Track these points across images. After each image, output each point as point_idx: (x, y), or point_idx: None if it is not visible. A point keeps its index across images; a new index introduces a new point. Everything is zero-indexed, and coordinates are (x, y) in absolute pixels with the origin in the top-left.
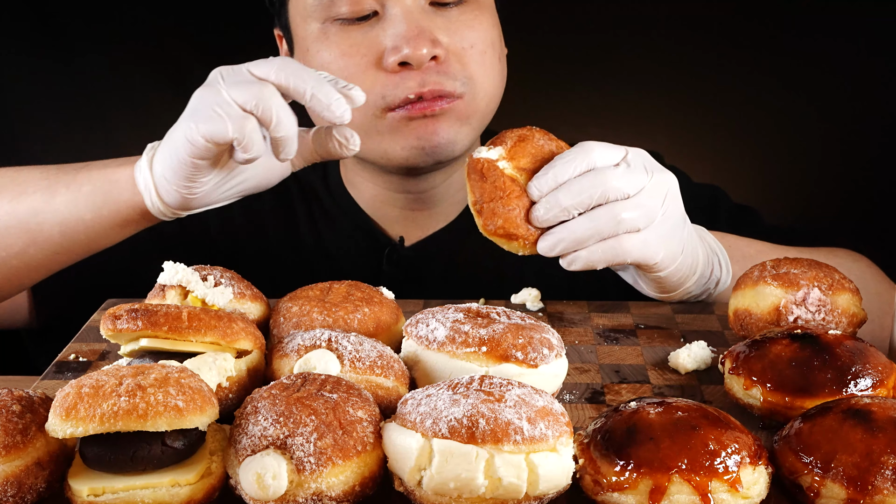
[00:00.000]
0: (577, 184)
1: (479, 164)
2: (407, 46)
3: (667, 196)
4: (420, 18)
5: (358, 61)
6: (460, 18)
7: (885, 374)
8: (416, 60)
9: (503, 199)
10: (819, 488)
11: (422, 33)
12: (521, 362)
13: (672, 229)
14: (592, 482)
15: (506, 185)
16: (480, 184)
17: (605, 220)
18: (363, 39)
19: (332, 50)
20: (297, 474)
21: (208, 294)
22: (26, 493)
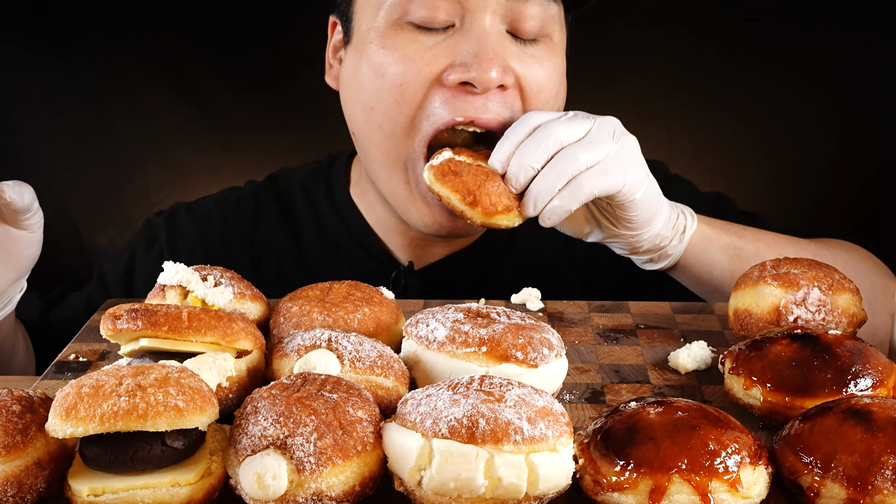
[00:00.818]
0: (530, 141)
1: (445, 167)
2: (476, 67)
3: (615, 132)
4: (496, 41)
5: (420, 69)
6: (535, 54)
7: (885, 374)
8: (482, 83)
9: (487, 181)
10: (819, 488)
11: (496, 56)
12: (521, 362)
13: (630, 159)
14: (592, 482)
15: (480, 170)
16: (458, 180)
17: (565, 162)
18: (431, 48)
19: (395, 52)
20: (297, 474)
21: (208, 294)
22: (26, 493)
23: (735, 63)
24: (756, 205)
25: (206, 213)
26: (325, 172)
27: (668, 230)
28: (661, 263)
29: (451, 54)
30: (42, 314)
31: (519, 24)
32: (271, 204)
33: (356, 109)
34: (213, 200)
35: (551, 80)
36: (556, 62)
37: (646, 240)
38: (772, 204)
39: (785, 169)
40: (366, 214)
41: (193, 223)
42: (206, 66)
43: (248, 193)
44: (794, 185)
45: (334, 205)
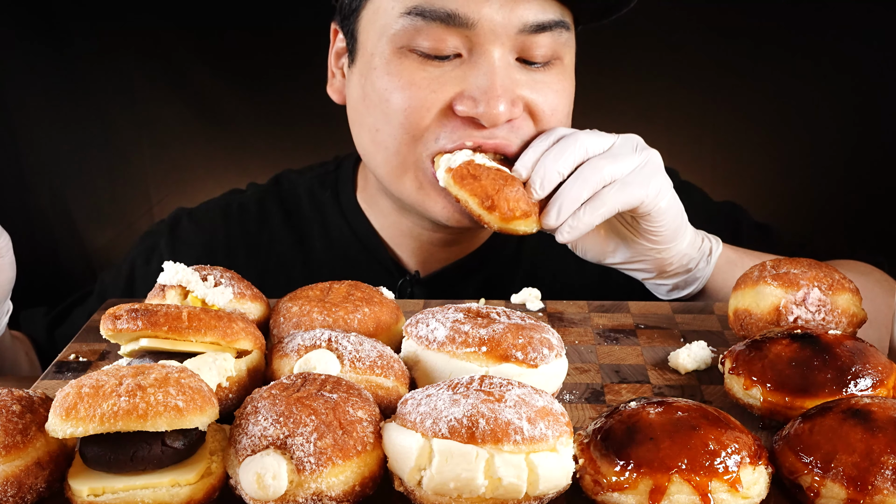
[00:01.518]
0: (556, 148)
1: (464, 171)
2: (485, 103)
3: (637, 146)
4: (505, 74)
5: (427, 95)
6: (545, 80)
7: (885, 374)
8: (489, 120)
9: (506, 185)
10: (819, 488)
11: (506, 91)
12: (521, 362)
13: (652, 171)
14: (592, 482)
15: (499, 174)
16: (477, 184)
17: (589, 171)
18: (438, 77)
19: (402, 79)
20: (297, 474)
21: (208, 294)
22: (26, 493)
23: (743, 65)
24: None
25: (209, 220)
26: (331, 177)
27: (693, 251)
28: (688, 290)
29: (460, 84)
30: (48, 331)
31: (529, 53)
32: (276, 210)
33: (362, 130)
34: (216, 206)
35: (562, 102)
36: (566, 84)
37: (674, 256)
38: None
39: (795, 174)
40: (373, 221)
41: (197, 231)
42: (207, 66)
43: (252, 199)
44: (805, 189)
45: (342, 210)
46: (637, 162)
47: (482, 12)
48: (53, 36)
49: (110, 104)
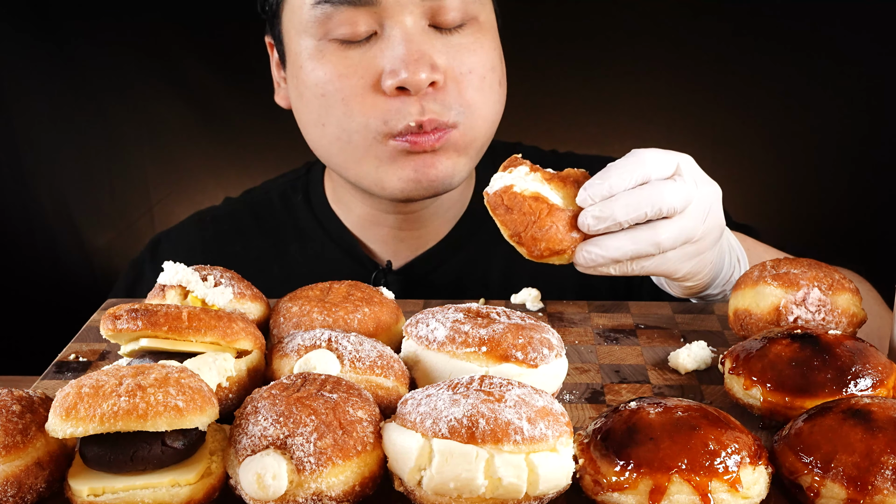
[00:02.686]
0: (632, 196)
1: (499, 198)
2: (405, 70)
3: (709, 212)
4: (420, 41)
5: (355, 83)
6: (461, 42)
7: (885, 374)
8: (413, 86)
9: (537, 223)
10: (819, 488)
11: (421, 57)
12: (521, 362)
13: (702, 248)
14: (592, 482)
15: (533, 208)
16: (509, 217)
17: (645, 243)
18: (360, 60)
19: (328, 69)
20: (297, 474)
21: (208, 294)
22: (26, 493)
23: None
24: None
25: (186, 237)
26: (302, 180)
27: (716, 289)
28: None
29: (380, 61)
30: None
31: (440, 18)
32: (248, 219)
33: (309, 128)
34: (190, 223)
35: (481, 62)
36: (485, 43)
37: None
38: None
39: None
40: (344, 218)
41: (176, 251)
42: (208, 66)
43: (225, 212)
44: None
45: (313, 211)
46: (701, 232)
47: None
48: (53, 35)
49: (110, 104)
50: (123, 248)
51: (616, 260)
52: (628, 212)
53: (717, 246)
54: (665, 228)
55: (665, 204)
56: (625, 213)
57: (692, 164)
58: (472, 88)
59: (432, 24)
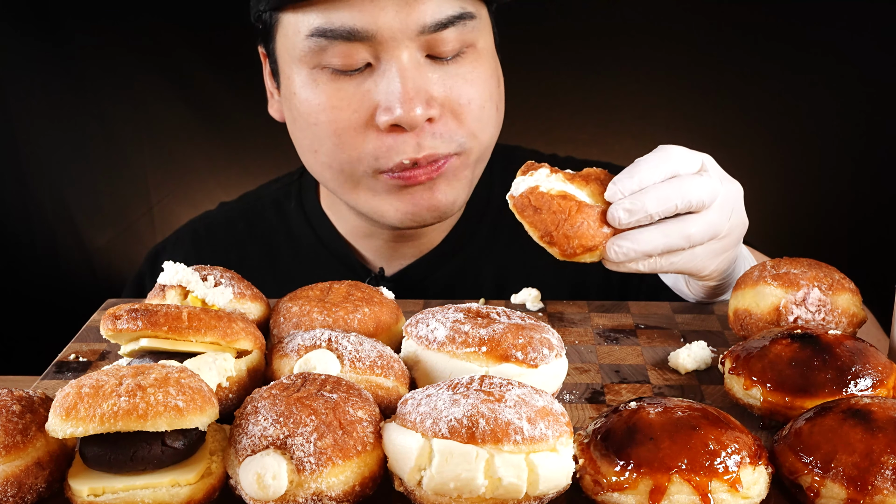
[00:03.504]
0: (661, 190)
1: (525, 200)
2: (400, 108)
3: (733, 209)
4: (416, 76)
5: (349, 116)
6: (458, 73)
7: (885, 374)
8: (409, 123)
9: (568, 221)
10: (819, 488)
11: (417, 94)
12: (521, 362)
13: (728, 244)
14: (592, 482)
15: (562, 206)
16: (538, 217)
17: (676, 236)
18: (355, 93)
19: (322, 100)
20: (297, 474)
21: (208, 294)
22: (26, 493)
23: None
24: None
25: (182, 248)
26: (295, 186)
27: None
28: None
29: (375, 95)
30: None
31: (437, 50)
32: (242, 225)
33: (302, 150)
34: (185, 233)
35: (479, 92)
36: (483, 70)
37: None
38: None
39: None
40: (337, 225)
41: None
42: (208, 66)
43: (219, 220)
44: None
45: (307, 218)
46: (727, 228)
47: (379, 23)
48: (54, 35)
49: (110, 104)
50: (123, 248)
51: (647, 254)
52: (659, 204)
53: (740, 244)
54: (694, 222)
55: (694, 197)
56: (655, 206)
57: (715, 163)
58: (470, 118)
59: (429, 54)
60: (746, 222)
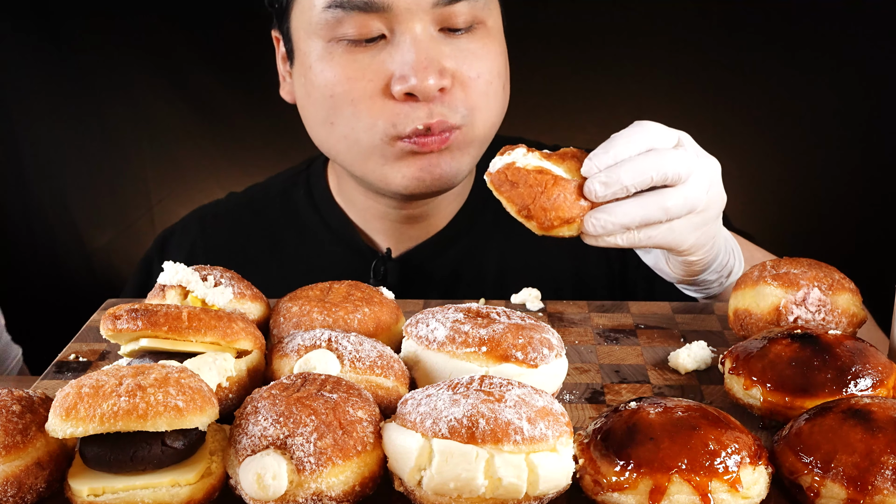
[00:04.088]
0: (637, 163)
1: (502, 176)
2: (415, 77)
3: (711, 183)
4: (429, 47)
5: (364, 86)
6: (469, 47)
7: (885, 374)
8: (422, 92)
9: (545, 193)
10: (819, 488)
11: (430, 64)
12: (521, 362)
13: (707, 219)
14: (592, 482)
15: (538, 180)
16: (515, 192)
17: (653, 208)
18: (370, 63)
19: (337, 72)
20: (297, 474)
21: (208, 294)
22: (26, 493)
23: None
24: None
25: (189, 235)
26: (303, 175)
27: (713, 275)
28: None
29: (390, 66)
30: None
31: (450, 22)
32: (248, 215)
33: (316, 126)
34: (192, 219)
35: (488, 67)
36: (492, 48)
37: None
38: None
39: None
40: (346, 210)
41: (180, 247)
42: (208, 66)
43: (225, 209)
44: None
45: (315, 205)
46: (705, 202)
47: None
48: (54, 35)
49: (110, 104)
50: (123, 248)
51: (625, 226)
52: (634, 176)
53: (719, 220)
54: (671, 195)
55: (669, 170)
56: (631, 178)
57: (691, 139)
58: (477, 93)
59: (442, 28)
60: (724, 197)
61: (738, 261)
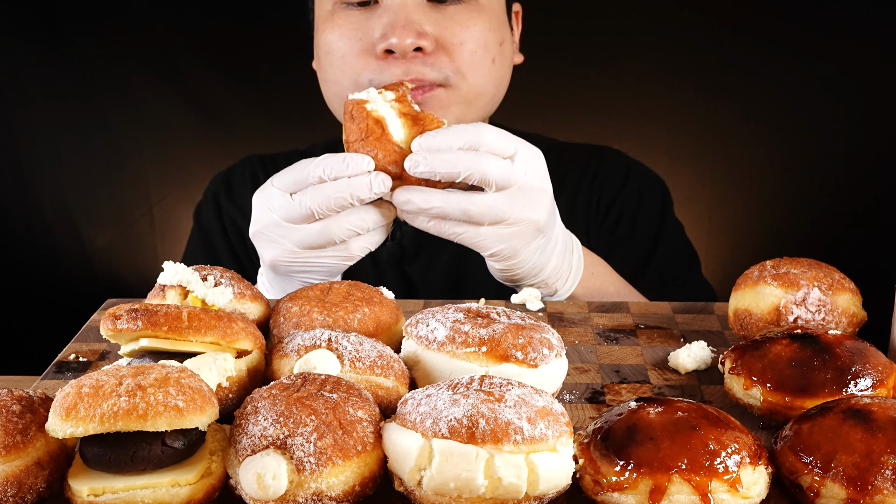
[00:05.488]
0: (455, 155)
1: (350, 106)
2: (393, 35)
3: (530, 204)
4: (412, 11)
5: (354, 44)
6: (455, 16)
7: (885, 374)
8: (399, 49)
9: (365, 142)
10: (819, 488)
11: (408, 24)
12: (521, 362)
13: (516, 233)
14: (592, 482)
15: (369, 128)
16: (348, 125)
17: (454, 206)
18: (362, 24)
19: (335, 31)
20: (297, 474)
21: (208, 294)
22: (26, 493)
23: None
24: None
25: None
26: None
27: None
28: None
29: (379, 26)
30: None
31: None
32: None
33: (325, 86)
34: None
35: (473, 37)
36: (479, 20)
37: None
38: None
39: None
40: None
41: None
42: (207, 65)
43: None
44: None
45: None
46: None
47: None
48: (54, 36)
49: (110, 104)
50: (123, 248)
51: (423, 210)
52: (446, 167)
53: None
54: (476, 200)
55: (482, 173)
56: (442, 167)
57: (536, 160)
58: (460, 59)
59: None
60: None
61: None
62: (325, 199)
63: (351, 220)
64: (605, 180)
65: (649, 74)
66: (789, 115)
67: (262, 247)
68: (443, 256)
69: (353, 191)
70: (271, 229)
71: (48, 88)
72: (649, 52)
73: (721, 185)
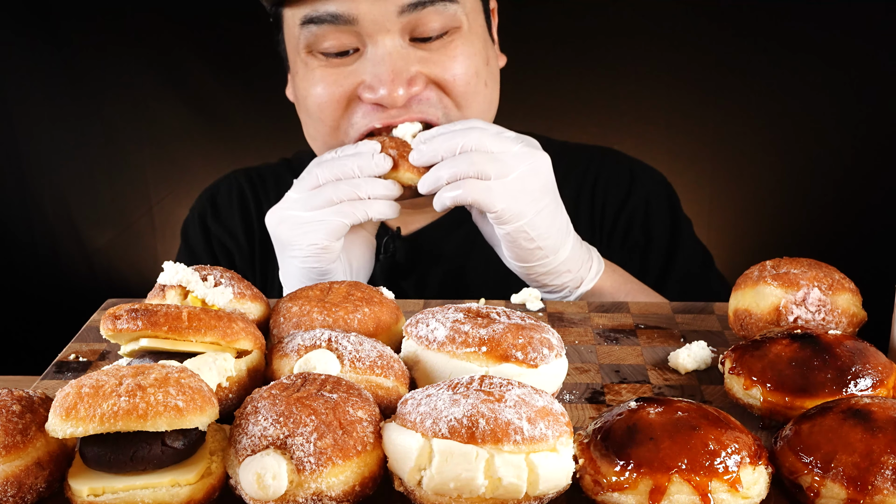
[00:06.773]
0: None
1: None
2: (383, 88)
3: (531, 166)
4: (398, 58)
5: (334, 91)
6: (441, 50)
7: (885, 374)
8: (390, 103)
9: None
10: (819, 488)
11: (397, 77)
12: (521, 362)
13: (524, 190)
14: (592, 482)
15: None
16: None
17: (462, 162)
18: (341, 72)
19: (312, 80)
20: (297, 474)
21: (208, 294)
22: (26, 493)
23: (745, 65)
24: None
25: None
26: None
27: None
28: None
29: (360, 75)
30: None
31: (421, 31)
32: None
33: (305, 128)
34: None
35: (464, 68)
36: (468, 49)
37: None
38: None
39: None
40: None
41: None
42: (207, 66)
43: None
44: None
45: None
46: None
47: (360, 8)
48: (54, 36)
49: (110, 104)
50: (123, 248)
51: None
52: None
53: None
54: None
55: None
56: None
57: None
58: (457, 92)
59: (413, 37)
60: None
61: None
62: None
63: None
64: (607, 187)
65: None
66: (789, 115)
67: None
68: (436, 271)
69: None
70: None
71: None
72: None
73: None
